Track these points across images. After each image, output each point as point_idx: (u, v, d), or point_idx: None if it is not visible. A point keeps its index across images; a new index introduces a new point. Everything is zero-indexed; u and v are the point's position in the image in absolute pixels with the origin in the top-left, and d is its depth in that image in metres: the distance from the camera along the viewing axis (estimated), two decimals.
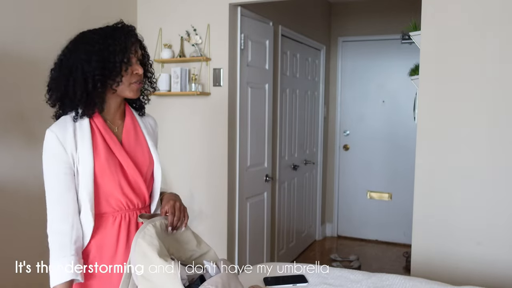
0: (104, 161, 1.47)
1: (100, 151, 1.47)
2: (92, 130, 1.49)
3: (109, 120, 1.56)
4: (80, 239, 1.46)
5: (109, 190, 1.49)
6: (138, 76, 1.53)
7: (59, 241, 1.42)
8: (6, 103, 2.39)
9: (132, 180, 1.53)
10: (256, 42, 3.43)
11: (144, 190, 1.55)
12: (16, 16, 2.44)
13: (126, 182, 1.51)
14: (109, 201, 1.50)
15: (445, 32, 2.52)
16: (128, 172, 1.52)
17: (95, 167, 1.45)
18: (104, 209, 1.50)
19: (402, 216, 4.85)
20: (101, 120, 1.52)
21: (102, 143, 1.49)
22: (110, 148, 1.50)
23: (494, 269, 2.45)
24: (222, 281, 1.23)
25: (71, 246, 1.42)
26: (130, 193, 1.52)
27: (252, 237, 3.48)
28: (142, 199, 1.56)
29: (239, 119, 3.21)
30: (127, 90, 1.52)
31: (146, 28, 3.28)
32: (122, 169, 1.51)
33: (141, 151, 1.59)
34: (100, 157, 1.47)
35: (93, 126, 1.50)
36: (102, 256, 1.50)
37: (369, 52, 5.13)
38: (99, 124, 1.51)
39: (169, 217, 1.43)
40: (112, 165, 1.48)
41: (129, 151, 1.55)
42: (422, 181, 2.61)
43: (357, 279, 2.03)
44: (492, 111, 2.44)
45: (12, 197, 2.41)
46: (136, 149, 1.57)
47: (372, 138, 5.16)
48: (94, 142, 1.48)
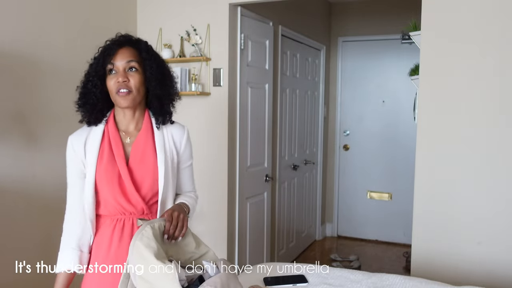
0: (103, 169, 1.55)
1: (103, 159, 1.56)
2: (103, 137, 1.58)
3: (123, 131, 1.62)
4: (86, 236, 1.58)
5: (105, 196, 1.57)
6: (118, 84, 1.54)
7: (66, 235, 1.59)
8: (5, 103, 2.39)
9: (128, 192, 1.56)
10: (256, 42, 3.42)
11: (140, 203, 1.58)
12: (16, 16, 2.44)
13: (121, 193, 1.55)
14: (106, 205, 1.58)
15: (445, 32, 2.51)
16: (126, 185, 1.56)
17: (96, 173, 1.55)
18: (102, 212, 1.59)
19: (402, 216, 4.85)
20: (114, 130, 1.60)
21: (108, 151, 1.57)
22: (114, 158, 1.57)
23: (494, 269, 2.44)
24: (221, 281, 1.23)
25: (74, 240, 1.57)
26: (124, 203, 1.57)
27: (252, 237, 3.48)
28: (139, 209, 1.59)
29: (239, 119, 3.21)
30: (117, 101, 1.57)
31: (146, 28, 3.28)
32: (120, 180, 1.56)
33: (146, 167, 1.59)
34: (101, 165, 1.56)
35: (105, 134, 1.59)
36: (98, 255, 1.58)
37: (369, 52, 5.13)
38: (111, 133, 1.59)
39: (166, 224, 1.40)
40: (110, 174, 1.55)
41: (133, 165, 1.58)
42: (422, 181, 2.61)
43: (357, 279, 2.03)
44: (492, 111, 2.44)
45: (11, 197, 2.41)
46: (141, 165, 1.59)
47: (372, 138, 5.15)
48: (101, 149, 1.57)
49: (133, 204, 1.57)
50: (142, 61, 1.58)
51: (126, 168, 1.56)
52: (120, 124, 1.62)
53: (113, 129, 1.59)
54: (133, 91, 1.55)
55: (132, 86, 1.55)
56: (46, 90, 2.62)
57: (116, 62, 1.55)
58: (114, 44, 1.57)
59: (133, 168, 1.57)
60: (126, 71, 1.55)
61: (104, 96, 1.59)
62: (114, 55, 1.55)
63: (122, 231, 1.57)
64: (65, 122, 2.66)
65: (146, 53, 1.60)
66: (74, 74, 2.73)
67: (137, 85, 1.56)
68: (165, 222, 1.38)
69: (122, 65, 1.55)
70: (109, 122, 1.61)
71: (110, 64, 1.55)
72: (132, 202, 1.57)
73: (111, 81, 1.55)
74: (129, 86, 1.54)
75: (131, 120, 1.62)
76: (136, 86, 1.56)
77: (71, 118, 1.73)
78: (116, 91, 1.54)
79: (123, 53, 1.56)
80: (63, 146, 1.66)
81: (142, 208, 1.58)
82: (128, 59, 1.56)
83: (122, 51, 1.56)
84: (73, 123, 1.73)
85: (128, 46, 1.59)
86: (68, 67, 2.73)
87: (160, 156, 1.60)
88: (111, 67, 1.55)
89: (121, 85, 1.54)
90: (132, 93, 1.55)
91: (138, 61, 1.58)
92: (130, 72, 1.56)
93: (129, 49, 1.58)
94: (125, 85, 1.54)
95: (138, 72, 1.57)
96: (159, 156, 1.60)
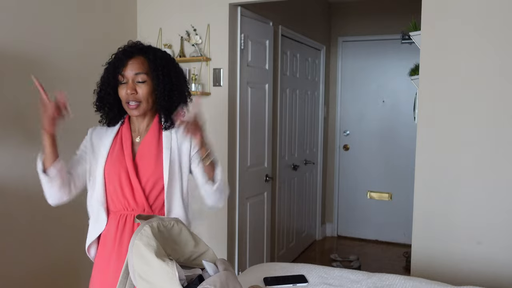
0: (111, 164, 1.66)
1: (113, 154, 1.67)
2: (116, 134, 1.71)
3: (135, 130, 1.73)
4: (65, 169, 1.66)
5: (111, 189, 1.66)
6: (127, 96, 1.62)
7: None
8: (5, 103, 2.39)
9: (133, 186, 1.65)
10: (256, 42, 3.42)
11: (143, 199, 1.65)
12: (16, 16, 2.44)
13: (127, 186, 1.64)
14: (112, 199, 1.67)
15: (445, 32, 2.51)
16: (131, 179, 1.64)
17: (105, 165, 1.66)
18: (109, 207, 1.68)
19: (402, 216, 4.85)
20: (126, 129, 1.71)
21: (118, 147, 1.68)
22: (123, 154, 1.66)
23: (494, 269, 2.44)
24: (220, 281, 1.23)
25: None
26: (130, 197, 1.64)
27: (252, 237, 3.48)
28: (140, 205, 1.65)
29: (239, 119, 3.21)
30: (127, 109, 1.67)
31: (146, 28, 3.28)
32: (127, 175, 1.64)
33: (152, 165, 1.66)
34: (110, 159, 1.67)
35: (119, 132, 1.72)
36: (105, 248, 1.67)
37: (369, 52, 5.13)
38: (125, 131, 1.71)
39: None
40: (117, 168, 1.64)
41: (139, 162, 1.66)
42: (422, 181, 2.61)
43: (357, 279, 2.03)
44: (492, 111, 2.44)
45: (10, 196, 2.41)
46: (146, 163, 1.66)
47: (372, 138, 5.15)
48: (113, 144, 1.69)
49: (136, 200, 1.64)
50: (151, 71, 1.63)
51: (132, 164, 1.64)
52: (133, 124, 1.73)
53: (126, 128, 1.71)
54: (142, 102, 1.64)
55: (141, 97, 1.63)
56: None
57: (125, 73, 1.62)
58: (124, 55, 1.63)
59: (138, 164, 1.66)
60: (134, 82, 1.62)
61: (118, 102, 1.68)
62: (124, 66, 1.62)
63: (124, 227, 1.64)
64: (65, 122, 2.66)
65: (153, 63, 1.63)
66: (74, 73, 2.75)
67: (146, 96, 1.63)
68: (162, 221, 1.38)
69: (131, 77, 1.62)
70: (125, 122, 1.74)
71: (121, 76, 1.63)
72: (136, 197, 1.64)
73: (122, 91, 1.64)
74: (137, 98, 1.63)
75: (142, 121, 1.72)
76: (144, 97, 1.63)
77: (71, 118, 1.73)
78: (126, 101, 1.64)
79: (132, 65, 1.62)
80: (63, 146, 1.67)
81: (143, 205, 1.64)
82: (136, 71, 1.62)
83: (131, 62, 1.62)
84: (73, 123, 1.73)
85: (137, 55, 1.63)
86: (68, 66, 2.73)
87: (166, 152, 1.67)
88: (122, 78, 1.63)
89: (130, 97, 1.62)
90: (141, 104, 1.64)
91: (147, 72, 1.63)
92: (139, 84, 1.62)
93: (138, 59, 1.63)
94: (133, 97, 1.62)
95: (147, 83, 1.63)
96: (164, 152, 1.67)
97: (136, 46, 1.67)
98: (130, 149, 1.67)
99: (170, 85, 1.65)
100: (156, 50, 1.68)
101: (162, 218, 1.38)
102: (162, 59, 1.66)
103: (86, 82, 2.09)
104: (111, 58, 1.68)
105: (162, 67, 1.64)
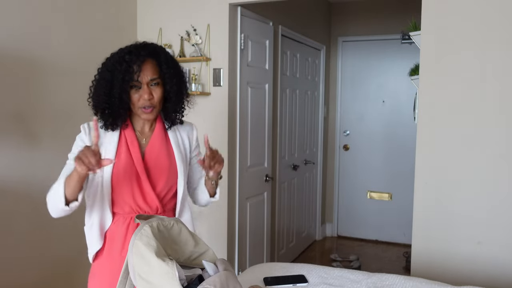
0: (121, 169, 1.60)
1: (121, 160, 1.60)
2: (120, 139, 1.63)
3: (139, 131, 1.68)
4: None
5: (121, 194, 1.62)
6: (143, 101, 1.59)
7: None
8: (5, 103, 2.39)
9: (145, 190, 1.63)
10: (256, 42, 3.42)
11: (155, 202, 1.64)
12: (16, 16, 2.44)
13: (138, 191, 1.62)
14: (121, 204, 1.63)
15: (445, 32, 2.51)
16: (143, 183, 1.62)
17: (113, 173, 1.59)
18: (116, 209, 1.64)
19: (402, 216, 4.85)
20: (131, 132, 1.65)
21: (125, 151, 1.62)
22: (131, 157, 1.62)
23: (494, 269, 2.44)
24: (220, 281, 1.23)
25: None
26: (140, 201, 1.63)
27: (252, 237, 3.48)
28: (153, 207, 1.65)
29: (239, 119, 3.21)
30: (139, 113, 1.62)
31: (146, 28, 3.28)
32: (138, 178, 1.62)
33: (161, 166, 1.66)
34: (119, 165, 1.60)
35: (122, 137, 1.63)
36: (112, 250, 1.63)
37: (369, 52, 5.13)
38: (129, 135, 1.64)
39: (206, 155, 1.58)
40: (128, 174, 1.60)
41: (149, 164, 1.64)
42: (422, 181, 2.61)
43: (357, 279, 2.03)
44: (492, 111, 2.43)
45: (12, 196, 2.41)
46: (156, 164, 1.65)
47: (372, 138, 5.15)
48: (119, 148, 1.61)
49: (148, 202, 1.63)
50: (163, 74, 1.61)
51: (143, 167, 1.62)
52: (136, 125, 1.69)
53: (130, 130, 1.65)
54: (156, 106, 1.62)
55: (156, 101, 1.61)
56: (46, 90, 2.62)
57: (140, 79, 1.57)
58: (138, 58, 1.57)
59: (149, 166, 1.64)
60: (149, 86, 1.59)
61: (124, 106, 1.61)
62: (140, 71, 1.56)
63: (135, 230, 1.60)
64: (66, 122, 2.66)
65: (166, 66, 1.62)
66: (74, 74, 2.75)
67: (160, 99, 1.62)
68: (162, 221, 1.39)
69: (146, 82, 1.58)
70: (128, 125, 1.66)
71: (136, 82, 1.57)
72: (148, 200, 1.63)
73: (134, 95, 1.59)
74: (153, 103, 1.60)
75: (148, 123, 1.69)
76: (159, 101, 1.62)
77: (71, 118, 1.73)
78: (141, 106, 1.60)
79: (146, 69, 1.58)
80: (63, 145, 1.67)
81: (156, 207, 1.65)
82: (151, 76, 1.59)
83: (145, 67, 1.58)
84: (73, 123, 1.73)
85: (149, 59, 1.59)
86: (68, 66, 2.73)
87: (177, 154, 1.69)
88: (137, 83, 1.58)
89: (146, 102, 1.59)
90: (156, 108, 1.62)
91: (159, 75, 1.61)
92: (153, 87, 1.60)
93: (151, 63, 1.60)
94: (150, 103, 1.59)
95: (159, 86, 1.62)
96: (176, 154, 1.69)
97: (147, 49, 1.61)
98: (139, 153, 1.63)
99: (180, 85, 1.66)
100: (164, 52, 1.66)
101: (162, 218, 1.38)
102: (172, 61, 1.65)
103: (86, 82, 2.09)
104: (111, 58, 1.62)
105: (173, 69, 1.63)
